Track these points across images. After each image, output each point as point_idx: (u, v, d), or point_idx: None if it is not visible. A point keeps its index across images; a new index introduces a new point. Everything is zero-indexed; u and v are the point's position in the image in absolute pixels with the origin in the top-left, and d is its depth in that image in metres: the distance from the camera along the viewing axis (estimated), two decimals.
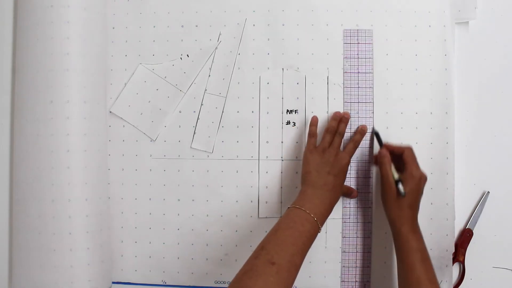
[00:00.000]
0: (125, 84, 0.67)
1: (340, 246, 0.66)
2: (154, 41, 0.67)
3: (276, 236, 0.53)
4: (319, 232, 0.56)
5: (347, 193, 0.65)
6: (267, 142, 0.66)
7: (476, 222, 0.66)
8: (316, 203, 0.57)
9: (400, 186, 0.58)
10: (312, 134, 0.64)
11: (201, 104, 0.66)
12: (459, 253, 0.66)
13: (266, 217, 0.66)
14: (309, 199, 0.57)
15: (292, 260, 0.51)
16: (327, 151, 0.62)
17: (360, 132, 0.65)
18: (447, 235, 0.65)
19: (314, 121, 0.65)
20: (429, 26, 0.66)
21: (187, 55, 0.66)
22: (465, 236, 0.66)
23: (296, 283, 0.65)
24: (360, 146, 0.65)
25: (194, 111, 0.66)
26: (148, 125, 0.67)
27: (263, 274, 0.49)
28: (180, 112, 0.67)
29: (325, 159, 0.61)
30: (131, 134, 0.67)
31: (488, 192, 0.67)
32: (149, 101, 0.66)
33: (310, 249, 0.64)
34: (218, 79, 0.66)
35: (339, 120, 0.64)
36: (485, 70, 0.67)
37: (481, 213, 0.67)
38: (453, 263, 0.66)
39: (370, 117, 0.66)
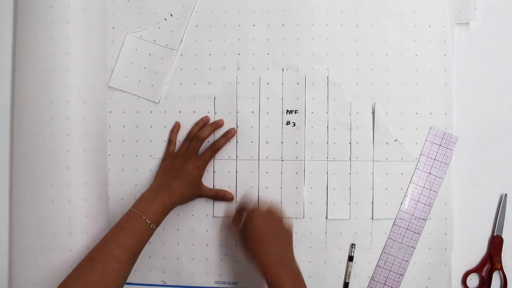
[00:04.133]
0: (117, 57, 0.67)
1: (340, 246, 0.66)
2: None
3: (103, 236, 0.56)
4: (152, 227, 0.57)
5: (213, 196, 0.65)
6: (267, 142, 0.66)
7: (502, 227, 0.66)
8: (145, 202, 0.58)
9: None
10: (169, 142, 0.66)
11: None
12: (495, 262, 0.65)
13: None
14: (140, 200, 0.59)
15: (111, 254, 0.53)
16: (177, 157, 0.63)
17: (226, 135, 0.65)
18: (445, 234, 0.65)
19: (174, 127, 0.66)
20: (429, 26, 0.66)
21: (171, 14, 0.66)
22: (496, 244, 0.65)
23: None
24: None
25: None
26: (149, 90, 0.67)
27: (81, 269, 0.53)
28: (180, 112, 0.67)
29: (173, 165, 0.63)
30: (131, 134, 0.67)
31: (506, 194, 0.66)
32: (145, 67, 0.67)
33: (310, 249, 0.65)
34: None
35: (202, 127, 0.65)
36: (485, 70, 0.67)
37: (505, 216, 0.66)
38: (492, 273, 0.66)
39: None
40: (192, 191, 0.63)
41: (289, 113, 0.66)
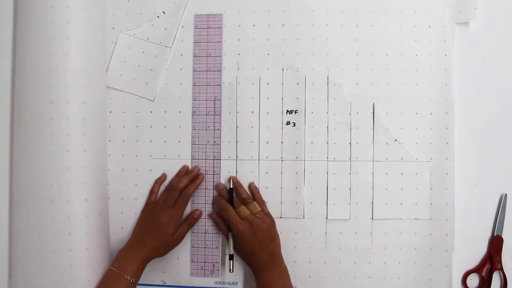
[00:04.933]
0: (111, 55, 0.67)
1: (340, 246, 0.66)
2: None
3: None
4: (132, 281, 0.59)
5: (188, 229, 0.65)
6: (267, 142, 0.66)
7: (502, 227, 0.66)
8: (122, 259, 0.61)
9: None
10: (151, 192, 0.66)
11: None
12: (495, 262, 0.65)
13: None
14: (118, 257, 0.61)
15: None
16: (155, 209, 0.63)
17: (194, 182, 0.65)
18: (447, 235, 0.65)
19: (160, 178, 0.66)
20: (429, 26, 0.66)
21: (163, 11, 0.66)
22: (496, 244, 0.66)
23: (296, 283, 0.65)
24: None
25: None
26: (144, 88, 0.67)
27: None
28: (180, 112, 0.67)
29: (150, 217, 0.63)
30: (131, 135, 0.67)
31: (506, 194, 0.66)
32: (139, 65, 0.67)
33: (310, 250, 0.65)
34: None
35: (183, 175, 0.65)
36: (485, 70, 0.67)
37: (505, 216, 0.66)
38: (492, 273, 0.66)
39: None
40: (167, 243, 0.63)
41: (289, 113, 0.66)
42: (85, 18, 0.62)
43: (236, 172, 0.66)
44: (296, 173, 0.66)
